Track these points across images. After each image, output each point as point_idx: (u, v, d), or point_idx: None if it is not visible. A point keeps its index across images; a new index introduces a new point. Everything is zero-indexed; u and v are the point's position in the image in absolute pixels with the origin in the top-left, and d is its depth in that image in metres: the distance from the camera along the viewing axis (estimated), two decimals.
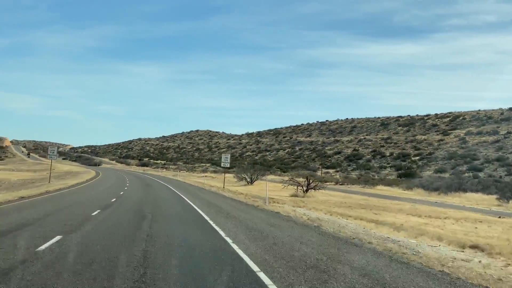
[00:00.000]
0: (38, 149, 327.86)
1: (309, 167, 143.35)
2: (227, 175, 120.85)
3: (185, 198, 33.94)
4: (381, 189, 74.22)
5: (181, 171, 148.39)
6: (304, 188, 50.77)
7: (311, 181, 51.98)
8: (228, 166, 53.15)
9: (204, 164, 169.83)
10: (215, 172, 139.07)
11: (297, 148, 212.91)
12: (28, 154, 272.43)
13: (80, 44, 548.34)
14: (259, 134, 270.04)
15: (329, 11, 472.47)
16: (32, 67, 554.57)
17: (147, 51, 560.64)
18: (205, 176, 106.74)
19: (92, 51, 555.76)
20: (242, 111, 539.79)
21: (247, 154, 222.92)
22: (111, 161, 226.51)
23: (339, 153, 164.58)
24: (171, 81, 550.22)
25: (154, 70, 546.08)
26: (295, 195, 48.44)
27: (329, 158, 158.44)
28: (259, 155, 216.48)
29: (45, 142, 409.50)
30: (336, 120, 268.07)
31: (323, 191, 52.56)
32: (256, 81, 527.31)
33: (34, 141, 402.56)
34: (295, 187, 51.51)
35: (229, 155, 53.85)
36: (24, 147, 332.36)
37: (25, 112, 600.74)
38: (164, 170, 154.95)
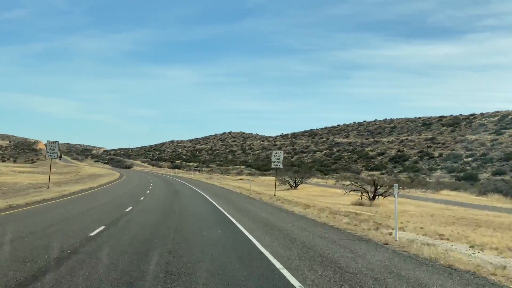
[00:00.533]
0: (72, 151, 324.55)
1: (351, 169, 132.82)
2: (265, 178, 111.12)
3: (234, 221, 19.78)
4: (447, 194, 63.50)
5: (215, 174, 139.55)
6: (370, 195, 40.77)
7: (378, 185, 41.75)
8: (281, 166, 41.83)
9: (238, 166, 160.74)
10: (250, 174, 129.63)
11: (334, 150, 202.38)
12: (60, 156, 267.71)
13: (115, 48, 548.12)
14: (294, 135, 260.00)
15: (361, 13, 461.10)
16: (67, 71, 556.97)
17: (180, 55, 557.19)
18: (241, 179, 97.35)
19: (127, 55, 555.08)
20: (274, 113, 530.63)
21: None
22: (143, 164, 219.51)
23: (382, 154, 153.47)
24: (203, 84, 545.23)
25: (187, 73, 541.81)
26: (360, 203, 38.46)
27: (372, 160, 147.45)
28: (295, 156, 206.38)
29: (79, 145, 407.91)
30: (374, 121, 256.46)
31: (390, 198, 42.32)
32: (288, 83, 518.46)
33: (68, 143, 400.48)
34: (359, 194, 41.52)
35: (281, 152, 42.33)
36: (59, 149, 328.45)
37: (60, 115, 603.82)
38: (197, 172, 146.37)
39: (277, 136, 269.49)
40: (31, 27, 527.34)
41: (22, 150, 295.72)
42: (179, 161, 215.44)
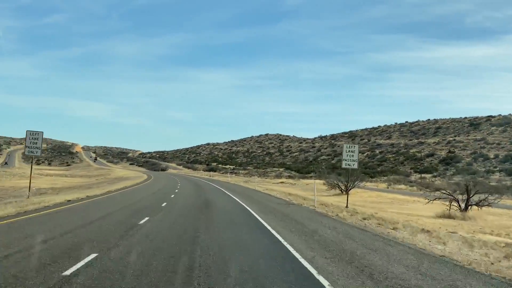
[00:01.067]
0: (108, 154, 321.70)
1: (399, 172, 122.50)
2: (307, 181, 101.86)
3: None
4: None
5: (253, 176, 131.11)
6: (461, 205, 31.27)
7: (470, 191, 32.06)
8: (356, 166, 29.88)
9: (277, 169, 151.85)
10: (290, 177, 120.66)
11: (377, 151, 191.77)
12: (95, 159, 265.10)
13: (151, 52, 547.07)
14: (333, 137, 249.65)
15: (397, 14, 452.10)
16: (104, 75, 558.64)
17: (216, 58, 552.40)
18: (282, 182, 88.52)
19: (163, 59, 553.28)
20: (310, 115, 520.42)
21: (322, 158, 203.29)
22: (178, 166, 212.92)
23: (431, 155, 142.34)
24: (239, 87, 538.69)
25: (222, 76, 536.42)
26: (448, 216, 29.03)
27: (421, 161, 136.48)
28: (335, 158, 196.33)
29: (116, 148, 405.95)
30: (417, 121, 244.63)
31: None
32: (324, 86, 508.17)
33: (105, 147, 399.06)
34: (447, 203, 32.05)
35: (357, 147, 29.40)
36: (94, 152, 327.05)
37: (97, 119, 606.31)
38: (234, 175, 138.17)
39: (315, 138, 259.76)
40: (69, 32, 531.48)
41: (59, 153, 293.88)
42: (215, 163, 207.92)
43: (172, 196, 36.44)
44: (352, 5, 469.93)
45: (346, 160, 28.04)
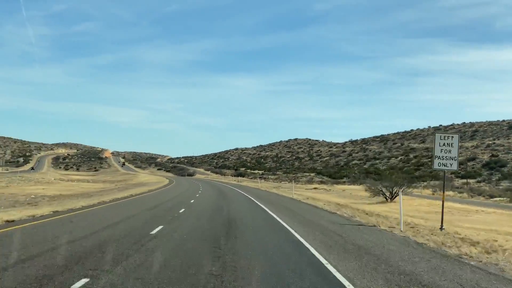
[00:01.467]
0: (136, 160, 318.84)
1: (439, 176, 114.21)
2: (342, 186, 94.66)
3: None
4: None
5: (283, 182, 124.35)
6: None
7: None
8: (456, 168, 19.66)
9: (307, 174, 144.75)
10: (322, 182, 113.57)
11: (411, 156, 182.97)
12: (123, 164, 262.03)
13: (180, 58, 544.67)
14: (364, 141, 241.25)
15: (426, 18, 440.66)
16: (134, 81, 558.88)
17: (245, 63, 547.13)
18: (315, 188, 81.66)
19: (192, 64, 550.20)
20: (339, 120, 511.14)
21: (353, 162, 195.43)
22: (206, 171, 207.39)
23: (472, 159, 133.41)
24: (267, 92, 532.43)
25: (251, 81, 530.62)
26: None
27: (461, 165, 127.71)
28: (367, 163, 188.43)
29: (145, 153, 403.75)
30: (451, 125, 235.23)
31: None
32: (352, 90, 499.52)
33: (134, 152, 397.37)
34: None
35: (457, 137, 18.98)
36: (123, 158, 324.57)
37: (127, 125, 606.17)
38: (263, 180, 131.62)
39: (346, 142, 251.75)
40: (100, 39, 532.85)
41: (89, 159, 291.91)
42: (243, 168, 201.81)
43: (182, 210, 26.06)
44: (381, 9, 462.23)
45: (439, 157, 19.06)
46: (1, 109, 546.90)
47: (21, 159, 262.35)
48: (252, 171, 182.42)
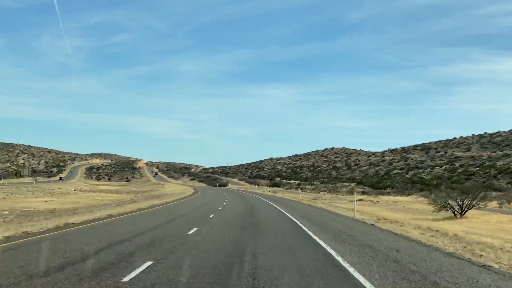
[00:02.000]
0: (170, 170, 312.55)
1: (494, 186, 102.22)
2: (388, 198, 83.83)
3: None
4: None
5: (321, 192, 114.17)
6: None
7: None
8: None
9: (347, 184, 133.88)
10: (364, 193, 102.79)
11: (456, 164, 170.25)
12: (155, 174, 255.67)
13: (215, 68, 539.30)
14: (404, 150, 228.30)
15: (463, 27, 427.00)
16: (169, 92, 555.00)
17: (279, 73, 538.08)
18: (360, 199, 71.29)
19: (226, 75, 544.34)
20: (375, 130, 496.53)
21: (394, 171, 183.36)
22: (240, 182, 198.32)
23: None
24: (302, 102, 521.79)
25: (285, 91, 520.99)
26: None
27: None
28: (409, 172, 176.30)
29: (179, 163, 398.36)
30: (497, 132, 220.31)
31: None
32: (388, 100, 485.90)
33: (168, 162, 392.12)
34: None
35: None
36: (157, 168, 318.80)
37: (162, 135, 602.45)
38: (300, 191, 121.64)
39: (385, 151, 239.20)
40: (135, 51, 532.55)
41: (122, 169, 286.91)
42: (278, 178, 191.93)
43: (190, 233, 18.99)
44: (416, 18, 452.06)
45: None
46: (39, 120, 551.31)
47: (55, 169, 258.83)
48: (287, 181, 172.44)
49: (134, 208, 36.31)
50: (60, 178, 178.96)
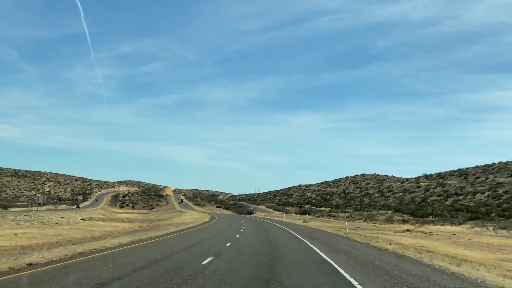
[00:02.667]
0: (197, 197, 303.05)
1: None
2: (438, 228, 71.88)
3: None
4: None
5: (356, 221, 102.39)
6: None
7: None
8: None
9: (383, 211, 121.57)
10: (405, 221, 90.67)
11: (500, 191, 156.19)
12: (181, 201, 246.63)
13: (243, 96, 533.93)
14: (440, 175, 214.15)
15: (492, 54, 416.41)
16: (198, 120, 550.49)
17: (308, 101, 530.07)
18: (407, 230, 60.01)
19: (254, 102, 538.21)
20: (405, 157, 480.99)
21: (432, 198, 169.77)
22: (267, 209, 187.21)
23: None
24: (330, 129, 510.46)
25: (314, 119, 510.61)
26: None
27: None
28: (448, 199, 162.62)
29: (207, 191, 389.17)
30: None
31: None
32: (418, 127, 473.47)
33: (196, 189, 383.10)
34: None
35: None
36: (184, 195, 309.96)
37: (190, 163, 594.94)
38: (332, 219, 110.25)
39: (419, 176, 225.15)
40: (165, 79, 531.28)
41: (149, 196, 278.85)
42: (308, 205, 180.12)
43: None
44: (445, 45, 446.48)
45: None
46: (69, 148, 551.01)
47: (80, 197, 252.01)
48: (317, 208, 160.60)
49: (124, 241, 26.10)
50: (77, 206, 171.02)
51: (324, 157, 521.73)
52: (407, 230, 58.85)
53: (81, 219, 76.63)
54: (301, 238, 40.13)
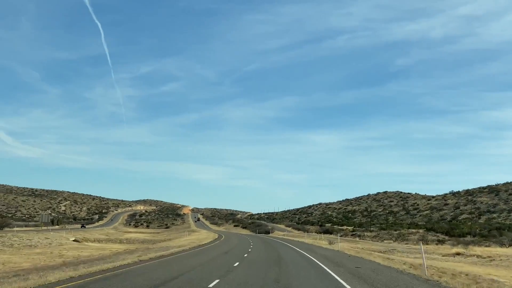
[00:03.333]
0: (215, 216, 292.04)
1: None
2: (487, 249, 59.68)
3: None
4: None
5: (385, 241, 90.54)
6: None
7: None
8: None
9: (414, 230, 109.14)
10: (440, 241, 78.60)
11: None
12: (197, 219, 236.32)
13: (262, 115, 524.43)
14: (469, 192, 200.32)
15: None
16: (216, 139, 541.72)
17: (326, 120, 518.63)
18: (457, 254, 48.28)
19: (273, 121, 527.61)
20: (425, 176, 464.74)
21: (463, 216, 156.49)
22: (287, 228, 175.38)
23: None
24: (349, 147, 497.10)
25: (333, 137, 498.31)
26: None
27: None
28: (481, 217, 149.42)
29: (225, 209, 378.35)
30: None
31: None
32: (438, 145, 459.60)
33: (215, 208, 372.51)
34: None
35: None
36: (202, 214, 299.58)
37: (209, 182, 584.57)
38: (357, 238, 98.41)
39: (446, 194, 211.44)
40: (184, 99, 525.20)
41: (166, 215, 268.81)
42: (329, 224, 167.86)
43: None
44: (464, 63, 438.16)
45: None
46: (88, 168, 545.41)
47: (96, 216, 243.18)
48: (339, 227, 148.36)
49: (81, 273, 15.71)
50: (83, 226, 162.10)
51: (344, 175, 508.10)
52: (458, 254, 47.14)
53: (74, 240, 66.77)
54: (339, 279, 20.92)
